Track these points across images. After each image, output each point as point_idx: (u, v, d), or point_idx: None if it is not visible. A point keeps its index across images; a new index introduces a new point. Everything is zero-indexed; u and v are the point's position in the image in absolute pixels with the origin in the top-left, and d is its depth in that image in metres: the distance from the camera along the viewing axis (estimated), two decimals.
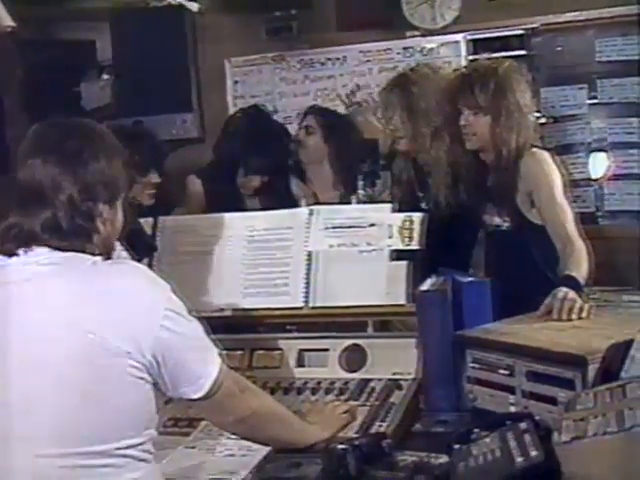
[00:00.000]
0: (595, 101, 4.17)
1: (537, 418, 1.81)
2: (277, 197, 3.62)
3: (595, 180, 4.21)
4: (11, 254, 1.70)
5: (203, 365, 1.78)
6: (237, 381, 1.90)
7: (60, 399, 1.64)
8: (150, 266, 2.69)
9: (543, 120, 3.00)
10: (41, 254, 1.69)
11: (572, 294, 2.39)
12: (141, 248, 2.38)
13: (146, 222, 2.73)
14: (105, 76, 4.94)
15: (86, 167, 1.72)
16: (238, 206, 3.50)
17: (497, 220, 2.97)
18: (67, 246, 1.70)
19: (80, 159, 1.72)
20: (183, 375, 1.75)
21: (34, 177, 1.70)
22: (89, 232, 1.73)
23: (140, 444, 1.71)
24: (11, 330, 1.66)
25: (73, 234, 1.70)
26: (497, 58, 3.41)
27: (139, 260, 2.44)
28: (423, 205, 3.30)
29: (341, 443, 1.90)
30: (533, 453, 1.60)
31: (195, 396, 1.77)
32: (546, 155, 2.91)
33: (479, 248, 3.28)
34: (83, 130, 1.79)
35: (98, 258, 1.74)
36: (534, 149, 2.91)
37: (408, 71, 3.45)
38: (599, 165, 4.21)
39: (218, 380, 1.79)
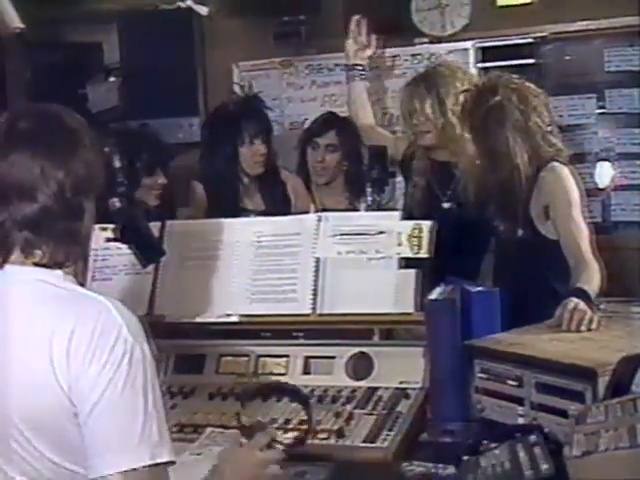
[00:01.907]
0: (603, 111, 4.16)
1: (546, 430, 1.80)
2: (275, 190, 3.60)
3: (602, 190, 4.20)
4: None
5: (118, 449, 1.47)
6: None
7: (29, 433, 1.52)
8: (157, 270, 2.69)
9: (549, 129, 2.99)
10: (20, 273, 1.57)
11: (582, 305, 2.39)
12: (150, 252, 2.37)
13: (154, 226, 2.72)
14: (112, 79, 4.94)
15: (75, 156, 1.59)
16: (234, 202, 3.52)
17: (507, 230, 2.96)
18: (50, 252, 1.57)
19: (67, 148, 1.59)
20: (94, 442, 1.49)
21: (18, 170, 1.55)
22: (75, 231, 1.60)
23: None
24: None
25: (65, 234, 1.58)
26: (506, 67, 3.43)
27: (147, 264, 2.44)
28: (445, 205, 3.30)
29: None
30: (543, 467, 1.59)
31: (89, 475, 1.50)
32: (566, 171, 2.90)
33: (488, 257, 3.27)
34: (64, 116, 1.64)
35: (77, 287, 1.60)
36: (555, 163, 2.90)
37: (431, 68, 3.53)
38: (605, 175, 4.20)
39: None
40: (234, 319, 2.65)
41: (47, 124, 1.63)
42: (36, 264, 1.58)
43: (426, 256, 2.56)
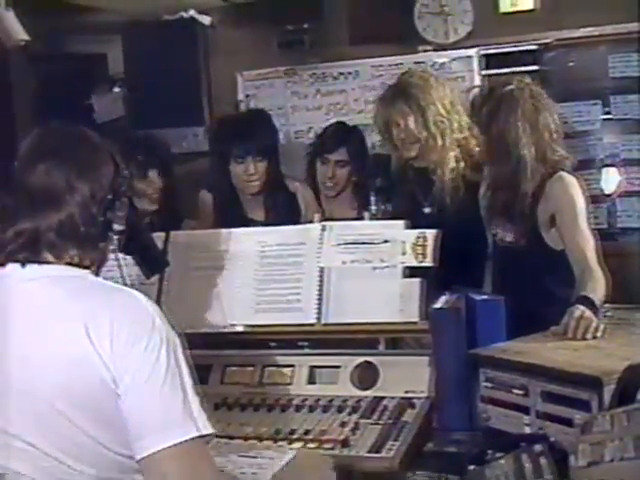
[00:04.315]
0: (608, 117, 4.16)
1: (552, 440, 1.79)
2: (281, 203, 3.58)
3: (607, 196, 4.19)
4: (22, 263, 1.68)
5: (163, 427, 1.56)
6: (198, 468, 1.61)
7: (44, 429, 1.59)
8: (161, 281, 2.69)
9: (555, 136, 2.99)
10: (44, 271, 1.67)
11: (588, 313, 2.38)
12: (153, 264, 2.37)
13: (158, 237, 2.72)
14: (117, 89, 4.96)
15: (98, 171, 1.73)
16: (239, 212, 3.50)
17: (510, 237, 2.95)
18: (77, 258, 1.69)
19: (92, 162, 1.73)
20: (139, 425, 1.57)
21: (47, 180, 1.68)
22: (98, 240, 1.73)
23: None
24: (10, 351, 1.63)
25: (85, 240, 1.70)
26: (512, 73, 3.43)
27: (151, 276, 2.43)
28: (426, 210, 3.29)
29: None
30: (549, 477, 1.59)
31: (136, 457, 1.58)
32: (574, 180, 2.90)
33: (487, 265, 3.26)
34: (88, 135, 1.79)
35: (105, 282, 1.71)
36: (563, 173, 2.90)
37: (404, 80, 3.38)
38: (611, 181, 4.19)
39: (168, 455, 1.55)
40: (239, 329, 2.65)
41: (72, 140, 1.77)
42: (68, 264, 1.70)
43: (431, 265, 2.55)
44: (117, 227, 1.78)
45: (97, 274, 1.78)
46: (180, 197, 3.60)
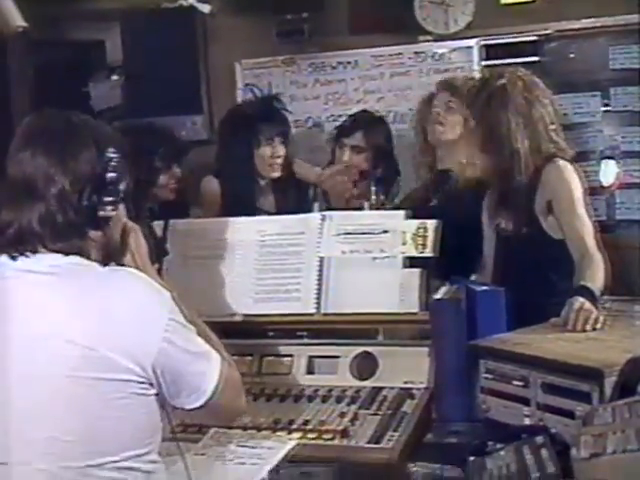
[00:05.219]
0: (608, 109, 4.15)
1: (553, 432, 1.79)
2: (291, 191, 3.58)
3: (606, 188, 4.18)
4: (12, 257, 1.67)
5: (202, 376, 1.73)
6: (235, 386, 1.85)
7: (57, 414, 1.61)
8: (160, 270, 2.67)
9: (553, 127, 2.98)
10: (41, 260, 1.66)
11: (588, 305, 2.38)
12: (152, 252, 2.35)
13: (157, 225, 2.71)
14: (115, 77, 4.93)
15: (77, 158, 1.68)
16: (250, 201, 3.48)
17: (510, 227, 2.94)
18: (65, 247, 1.67)
19: (70, 149, 1.69)
20: (182, 386, 1.71)
21: (25, 171, 1.67)
22: (83, 229, 1.69)
23: (144, 454, 1.69)
24: (9, 342, 1.63)
25: (68, 230, 1.67)
26: (510, 64, 3.43)
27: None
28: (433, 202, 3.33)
29: None
30: (550, 469, 1.58)
31: (192, 406, 1.75)
32: (570, 167, 2.88)
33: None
34: (71, 120, 1.74)
35: (96, 264, 1.71)
36: (558, 159, 2.89)
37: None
38: (610, 173, 4.19)
39: (217, 390, 1.74)
40: (238, 318, 2.64)
41: (52, 128, 1.73)
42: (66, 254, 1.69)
43: (431, 255, 2.55)
44: (104, 213, 1.72)
45: (106, 264, 1.75)
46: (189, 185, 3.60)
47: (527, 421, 2.04)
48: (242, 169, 3.50)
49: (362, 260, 2.60)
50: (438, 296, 2.35)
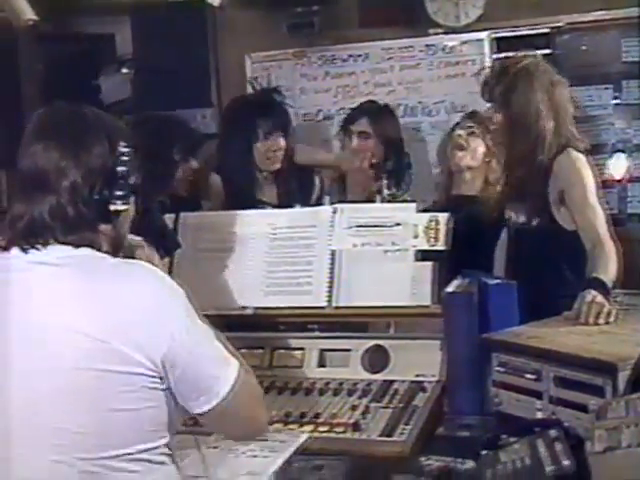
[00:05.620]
0: (620, 102, 4.13)
1: (566, 425, 1.78)
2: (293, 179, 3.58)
3: (618, 181, 4.17)
4: (24, 249, 1.66)
5: (215, 379, 1.67)
6: (253, 394, 1.78)
7: (67, 406, 1.60)
8: (171, 263, 2.67)
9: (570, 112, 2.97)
10: (52, 252, 1.65)
11: (600, 298, 2.36)
12: (166, 245, 2.36)
13: (168, 218, 2.71)
14: (125, 70, 4.94)
15: (89, 152, 1.67)
16: (251, 194, 3.49)
17: (523, 218, 2.93)
18: (76, 240, 1.66)
19: (82, 143, 1.67)
20: (192, 386, 1.66)
21: (37, 164, 1.66)
22: (94, 222, 1.68)
23: (155, 448, 1.67)
24: (19, 332, 1.62)
25: (79, 223, 1.66)
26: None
27: (165, 256, 2.42)
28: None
29: None
30: (565, 462, 1.57)
31: (201, 410, 1.67)
32: (581, 156, 2.87)
33: (499, 247, 3.24)
34: (84, 114, 1.73)
35: (108, 257, 1.70)
36: (569, 149, 2.88)
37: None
38: (622, 166, 4.17)
39: (231, 394, 1.67)
40: (249, 312, 2.63)
41: (64, 121, 1.71)
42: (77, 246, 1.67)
43: (443, 248, 2.54)
44: (115, 207, 1.71)
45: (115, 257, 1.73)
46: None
47: (539, 415, 2.03)
48: (241, 162, 3.50)
49: (374, 253, 2.60)
50: (450, 289, 2.34)
